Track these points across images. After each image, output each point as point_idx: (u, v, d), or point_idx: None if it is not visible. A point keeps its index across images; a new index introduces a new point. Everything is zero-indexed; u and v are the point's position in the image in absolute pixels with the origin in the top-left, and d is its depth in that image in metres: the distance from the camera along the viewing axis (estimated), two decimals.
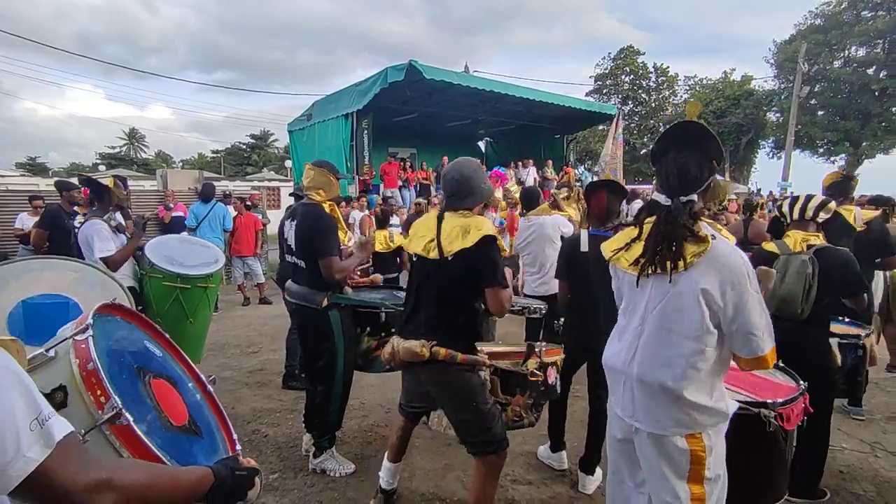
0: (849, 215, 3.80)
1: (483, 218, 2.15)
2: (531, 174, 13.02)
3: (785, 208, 2.73)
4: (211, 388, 1.57)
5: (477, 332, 2.21)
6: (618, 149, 11.30)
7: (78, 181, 5.09)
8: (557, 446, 3.00)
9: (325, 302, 2.76)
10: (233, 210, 8.00)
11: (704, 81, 31.05)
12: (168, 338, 1.57)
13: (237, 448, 1.43)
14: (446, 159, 11.94)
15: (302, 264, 2.84)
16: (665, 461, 1.57)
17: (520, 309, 3.39)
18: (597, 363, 2.58)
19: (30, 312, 2.13)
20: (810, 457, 2.65)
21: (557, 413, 2.99)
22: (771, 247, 2.66)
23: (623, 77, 32.18)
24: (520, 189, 10.79)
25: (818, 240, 2.57)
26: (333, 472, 2.89)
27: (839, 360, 2.62)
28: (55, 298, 2.26)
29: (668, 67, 31.82)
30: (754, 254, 2.82)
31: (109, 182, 3.45)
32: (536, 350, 2.35)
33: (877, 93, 23.63)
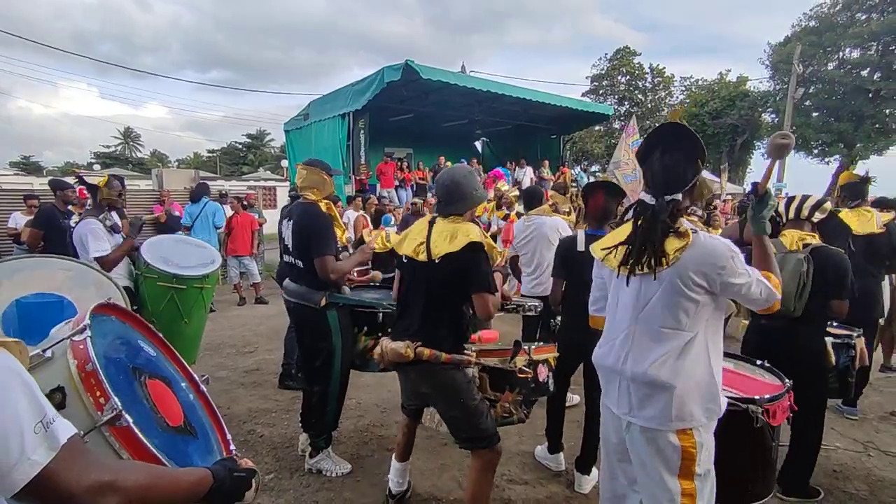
0: (866, 218, 3.78)
1: (472, 224, 2.21)
2: (527, 174, 13.04)
3: (781, 208, 2.74)
4: (204, 388, 1.56)
5: (464, 333, 2.27)
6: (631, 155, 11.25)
7: (73, 180, 5.07)
8: (555, 447, 3.00)
9: (324, 301, 2.76)
10: (229, 209, 7.99)
11: (700, 82, 31.17)
12: (162, 337, 1.57)
13: (231, 448, 1.43)
14: (443, 159, 11.96)
15: (299, 264, 2.84)
16: (657, 457, 1.58)
17: (514, 307, 3.39)
18: (592, 363, 2.59)
19: (24, 312, 2.12)
20: (802, 456, 2.68)
21: (555, 414, 2.99)
22: None
23: (619, 78, 32.27)
24: (515, 189, 10.86)
25: (814, 239, 2.59)
26: (330, 473, 2.89)
27: (833, 360, 2.64)
28: (49, 297, 2.24)
29: (665, 68, 31.98)
30: (750, 253, 2.83)
31: (101, 181, 3.43)
32: (524, 347, 2.40)
33: (870, 94, 23.77)
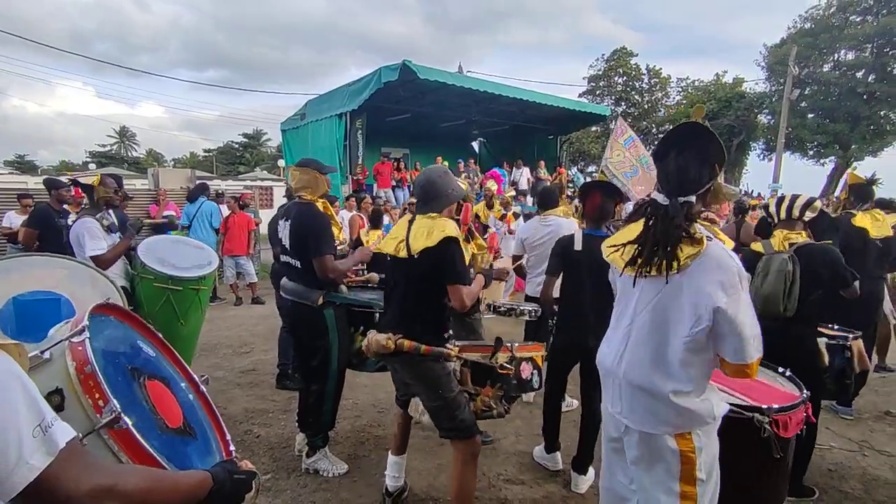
0: (879, 221, 3.80)
1: (448, 220, 2.28)
2: (524, 175, 13.05)
3: (772, 208, 2.76)
4: (204, 389, 1.56)
5: (444, 326, 2.34)
6: (637, 150, 11.17)
7: (70, 183, 5.05)
8: (552, 447, 3.01)
9: (321, 300, 2.77)
10: (226, 209, 7.96)
11: (696, 83, 31.28)
12: (161, 338, 1.56)
13: (231, 449, 1.42)
14: (440, 159, 11.95)
15: (297, 263, 2.84)
16: (656, 460, 1.57)
17: (506, 310, 3.40)
18: (589, 362, 2.60)
19: (21, 310, 2.11)
20: (796, 455, 2.68)
21: (552, 415, 3.00)
22: (758, 247, 2.69)
23: (616, 78, 32.34)
24: (512, 190, 10.87)
25: (801, 237, 2.60)
26: (326, 473, 2.88)
27: (826, 360, 2.65)
28: (46, 295, 2.24)
29: (661, 69, 32.05)
30: (742, 255, 2.85)
31: (94, 181, 3.42)
32: (507, 345, 2.46)
33: (865, 96, 23.92)
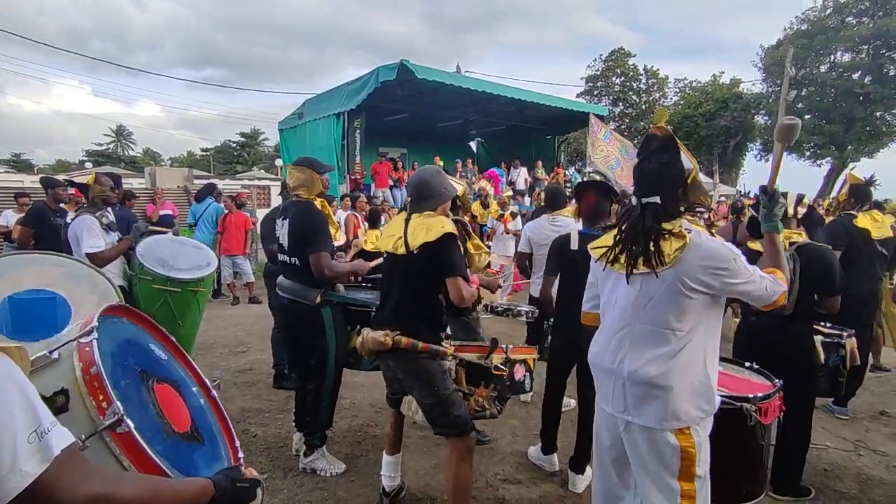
0: (879, 222, 3.80)
1: (445, 217, 2.31)
2: (522, 175, 13.06)
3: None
4: (215, 393, 1.54)
5: (441, 323, 2.36)
6: (617, 142, 11.35)
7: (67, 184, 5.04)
8: (549, 448, 3.01)
9: (318, 298, 2.77)
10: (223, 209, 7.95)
11: (694, 84, 31.34)
12: (174, 340, 1.54)
13: (239, 455, 1.41)
14: (438, 159, 11.95)
15: (295, 262, 2.83)
16: (656, 458, 1.59)
17: (503, 311, 3.41)
18: (586, 362, 2.60)
19: (16, 308, 2.10)
20: (792, 454, 2.70)
21: (550, 416, 3.00)
22: (756, 245, 2.70)
23: (614, 79, 32.40)
24: (510, 189, 10.87)
25: (800, 237, 2.62)
26: (324, 472, 2.88)
27: (822, 358, 2.66)
28: (42, 293, 2.22)
29: (659, 70, 32.13)
30: (744, 254, 2.86)
31: (89, 179, 3.41)
32: (501, 346, 2.47)
33: (861, 97, 24.02)
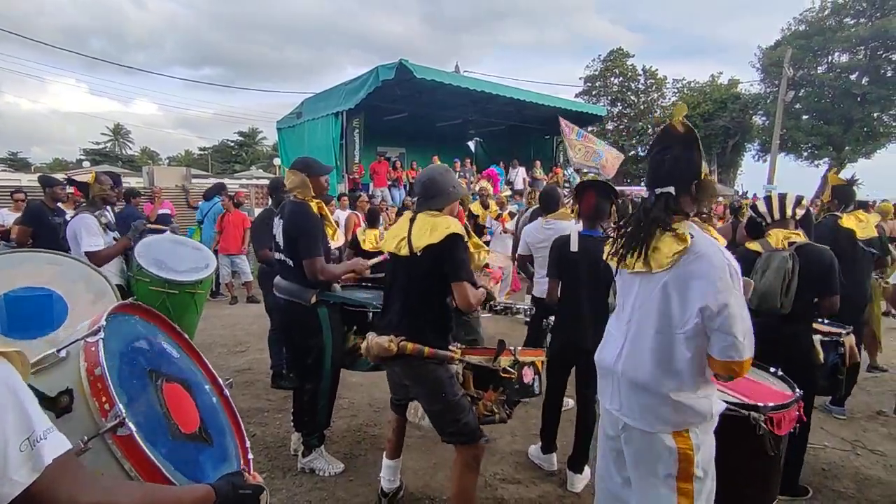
0: (864, 222, 3.76)
1: (451, 217, 2.23)
2: (520, 175, 13.06)
3: (762, 209, 2.78)
4: (228, 392, 1.52)
5: (448, 327, 2.28)
6: (590, 139, 11.60)
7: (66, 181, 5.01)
8: (549, 448, 3.01)
9: (314, 299, 2.76)
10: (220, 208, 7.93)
11: (692, 84, 31.37)
12: (187, 339, 1.52)
13: (249, 457, 1.39)
14: (436, 159, 11.95)
15: (290, 261, 2.83)
16: (653, 458, 1.58)
17: (502, 309, 3.41)
18: (585, 362, 2.60)
19: (12, 306, 2.09)
20: (790, 453, 2.70)
21: (551, 416, 3.00)
22: (755, 246, 2.71)
23: (612, 79, 32.43)
24: (508, 189, 10.88)
25: (799, 237, 2.63)
26: (322, 472, 2.87)
27: (822, 358, 2.67)
28: (38, 291, 2.21)
29: (657, 70, 32.16)
30: (739, 254, 2.86)
31: (90, 178, 3.40)
32: (509, 348, 2.42)
33: (859, 98, 24.10)
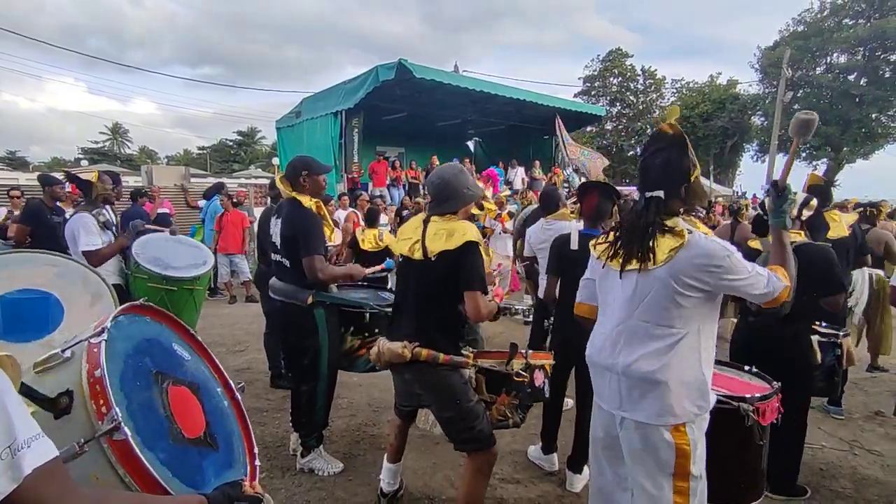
0: (836, 221, 3.84)
1: (468, 223, 2.18)
2: (519, 174, 13.06)
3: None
4: (239, 396, 1.50)
5: (460, 333, 2.25)
6: (571, 147, 11.92)
7: (64, 177, 4.99)
8: (549, 448, 3.01)
9: (311, 299, 2.75)
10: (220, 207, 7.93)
11: (691, 85, 31.44)
12: (200, 340, 1.51)
13: (256, 463, 1.38)
14: (436, 159, 11.95)
15: (286, 262, 2.82)
16: (652, 454, 1.59)
17: (501, 309, 3.40)
18: (584, 362, 2.60)
19: (7, 308, 2.08)
20: (789, 453, 2.71)
21: (551, 416, 3.00)
22: (756, 244, 2.71)
23: (611, 79, 32.47)
24: (507, 189, 10.89)
25: (800, 237, 2.63)
26: (321, 472, 2.87)
27: (819, 358, 2.68)
28: (34, 293, 2.20)
29: (656, 70, 32.22)
30: (742, 253, 2.86)
31: (93, 176, 3.40)
32: (521, 351, 2.39)
33: (857, 99, 24.15)
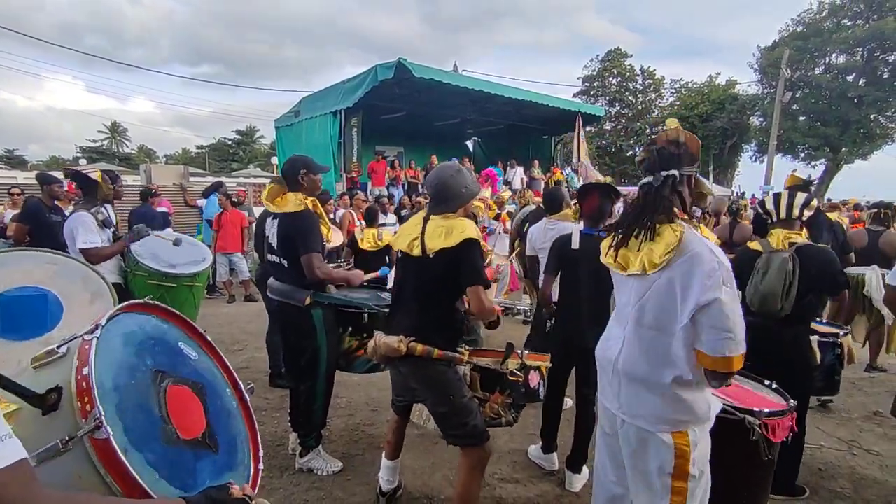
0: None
1: (467, 220, 2.20)
2: (518, 174, 13.07)
3: (769, 205, 2.74)
4: (248, 398, 1.47)
5: (457, 329, 2.26)
6: (584, 147, 12.21)
7: (64, 174, 4.96)
8: (549, 448, 3.01)
9: (308, 300, 2.74)
10: (218, 206, 7.91)
11: (690, 85, 31.48)
12: (209, 340, 1.49)
13: (259, 467, 1.36)
14: (435, 158, 11.95)
15: (284, 263, 2.81)
16: (649, 455, 1.58)
17: (502, 308, 3.41)
18: (585, 362, 2.60)
19: (6, 306, 2.07)
20: (788, 453, 2.71)
21: (551, 416, 3.00)
22: (755, 245, 2.71)
23: (610, 79, 32.49)
24: (507, 189, 10.89)
25: (800, 237, 2.62)
26: (320, 471, 2.87)
27: (819, 358, 2.68)
28: (33, 291, 2.20)
29: (655, 70, 32.25)
30: (738, 254, 2.86)
31: (97, 176, 3.39)
32: (517, 351, 2.41)
33: (855, 100, 24.18)
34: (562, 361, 2.90)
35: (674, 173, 1.61)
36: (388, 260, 5.30)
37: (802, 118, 26.16)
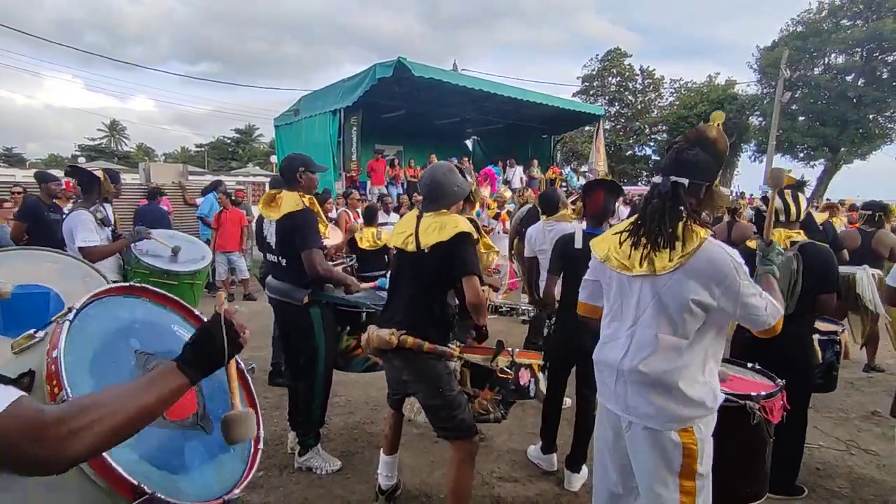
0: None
1: (460, 216, 2.26)
2: (517, 174, 13.07)
3: (778, 205, 2.73)
4: (249, 378, 1.47)
5: (449, 324, 2.32)
6: (599, 155, 12.62)
7: (65, 172, 4.96)
8: (549, 448, 3.01)
9: (307, 299, 2.75)
10: (214, 205, 7.91)
11: (689, 85, 31.44)
12: (204, 320, 1.51)
13: (259, 446, 1.37)
14: (434, 157, 11.94)
15: (282, 261, 2.82)
16: (658, 455, 1.59)
17: (507, 310, 3.41)
18: (585, 362, 2.59)
19: (8, 303, 2.07)
20: (788, 452, 2.71)
21: (551, 416, 3.00)
22: (754, 244, 2.70)
23: (610, 79, 32.45)
24: (507, 189, 10.90)
25: (800, 236, 2.63)
26: (319, 470, 2.87)
27: (820, 357, 2.68)
28: (34, 289, 2.20)
29: (654, 70, 32.22)
30: (739, 253, 2.86)
31: (100, 175, 3.39)
32: (507, 349, 2.44)
33: (854, 100, 24.18)
34: (562, 361, 2.90)
35: (683, 182, 1.58)
36: (387, 259, 5.30)
37: (802, 118, 26.14)
